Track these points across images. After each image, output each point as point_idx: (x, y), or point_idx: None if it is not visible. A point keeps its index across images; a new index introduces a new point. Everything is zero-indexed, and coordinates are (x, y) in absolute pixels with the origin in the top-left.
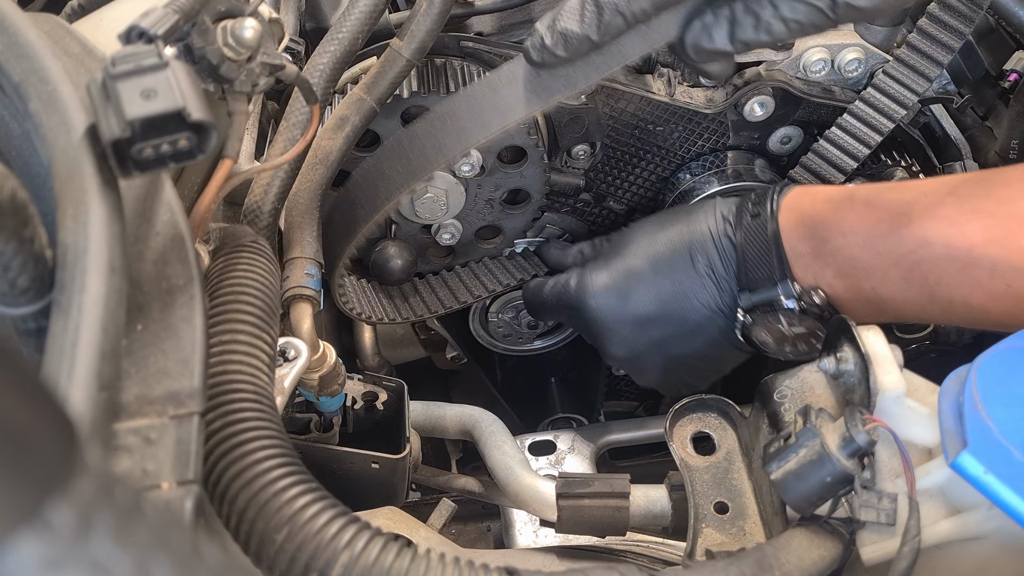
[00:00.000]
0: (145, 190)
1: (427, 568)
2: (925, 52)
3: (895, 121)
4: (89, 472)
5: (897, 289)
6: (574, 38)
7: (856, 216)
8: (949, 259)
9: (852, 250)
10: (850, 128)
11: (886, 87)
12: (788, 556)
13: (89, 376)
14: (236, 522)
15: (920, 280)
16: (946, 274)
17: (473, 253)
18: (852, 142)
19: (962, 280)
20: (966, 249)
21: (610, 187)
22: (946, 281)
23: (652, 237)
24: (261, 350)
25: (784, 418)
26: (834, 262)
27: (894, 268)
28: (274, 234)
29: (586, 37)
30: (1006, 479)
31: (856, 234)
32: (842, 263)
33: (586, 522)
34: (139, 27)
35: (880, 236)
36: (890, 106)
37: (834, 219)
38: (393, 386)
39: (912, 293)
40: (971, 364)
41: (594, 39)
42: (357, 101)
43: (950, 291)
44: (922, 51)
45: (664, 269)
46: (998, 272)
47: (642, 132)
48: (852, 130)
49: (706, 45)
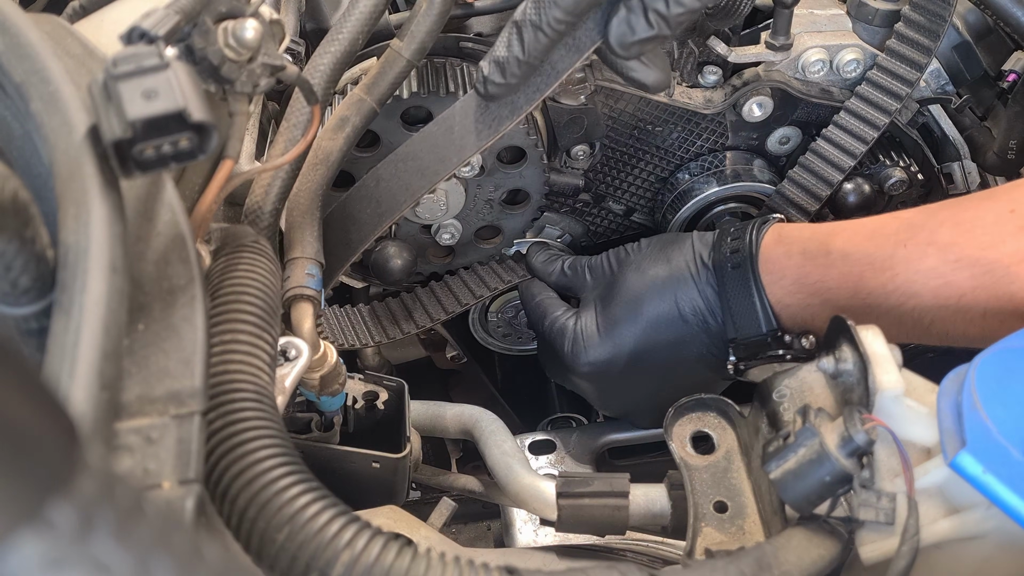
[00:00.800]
0: (146, 190)
1: (427, 567)
2: (916, 41)
3: (890, 114)
4: (90, 471)
5: (891, 328)
6: (507, 63)
7: (838, 273)
8: (940, 307)
9: (840, 302)
10: (847, 125)
11: (878, 80)
12: (787, 555)
13: (90, 376)
14: (237, 521)
15: (913, 322)
16: (939, 318)
17: (473, 253)
18: (849, 139)
19: (956, 320)
20: (956, 298)
21: (609, 187)
22: (940, 322)
23: (638, 289)
24: (262, 350)
25: (783, 417)
26: (824, 312)
27: (886, 316)
28: (275, 234)
29: (516, 59)
30: (1005, 478)
31: (843, 288)
32: (832, 311)
33: (586, 521)
34: (140, 28)
35: (868, 292)
36: (883, 99)
37: (817, 275)
38: (393, 386)
39: (905, 330)
40: (970, 364)
41: (524, 59)
42: (357, 102)
43: (944, 327)
44: (910, 39)
45: (654, 322)
46: (990, 314)
47: (641, 132)
48: (849, 127)
49: (629, 38)
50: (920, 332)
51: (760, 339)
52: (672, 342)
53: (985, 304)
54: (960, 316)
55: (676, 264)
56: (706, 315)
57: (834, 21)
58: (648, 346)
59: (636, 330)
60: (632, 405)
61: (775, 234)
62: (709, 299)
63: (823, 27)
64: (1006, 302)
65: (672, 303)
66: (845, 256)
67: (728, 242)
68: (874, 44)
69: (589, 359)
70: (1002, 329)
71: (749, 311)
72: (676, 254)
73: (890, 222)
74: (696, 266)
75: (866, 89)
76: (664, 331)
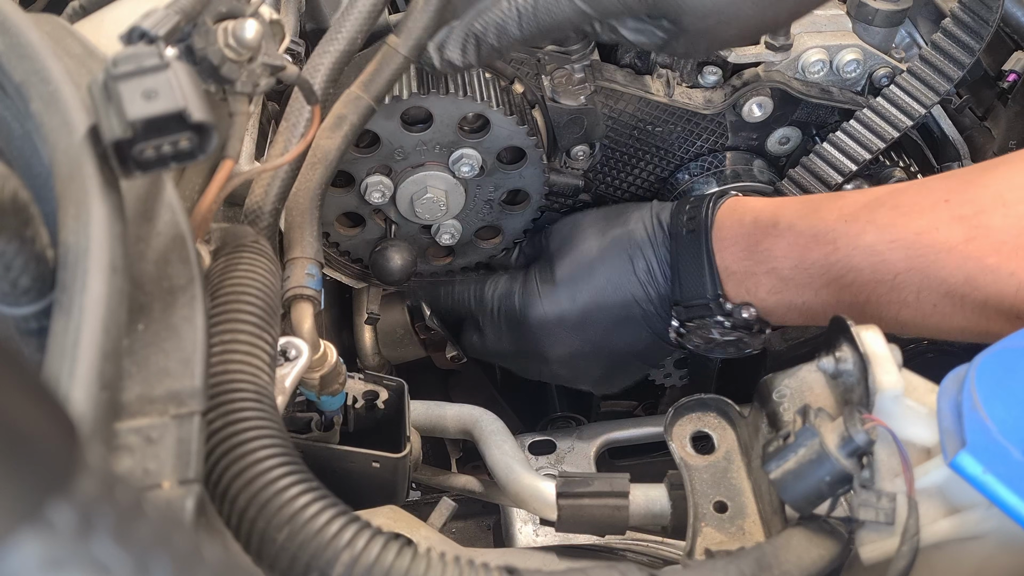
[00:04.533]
0: (146, 190)
1: (427, 567)
2: (937, 66)
3: (900, 131)
4: (90, 471)
5: (828, 304)
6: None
7: (785, 243)
8: (877, 283)
9: (784, 272)
10: (855, 134)
11: (895, 98)
12: (787, 555)
13: (90, 376)
14: (237, 521)
15: (850, 298)
16: (875, 294)
17: (473, 253)
18: (856, 147)
19: (890, 300)
20: (891, 275)
21: (609, 188)
22: (875, 301)
23: (593, 240)
24: (262, 350)
25: (783, 417)
26: (767, 281)
27: (825, 288)
28: (275, 234)
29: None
30: (1005, 478)
31: (788, 258)
32: (775, 283)
33: (586, 521)
34: (140, 28)
35: (810, 263)
36: (897, 116)
37: (766, 244)
38: (394, 385)
39: (843, 308)
40: (970, 364)
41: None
42: (355, 100)
43: (879, 309)
44: (934, 65)
45: (605, 272)
46: (923, 295)
47: (641, 133)
48: (857, 136)
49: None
50: (855, 313)
51: (703, 303)
52: (622, 302)
53: (918, 285)
54: (895, 295)
55: (634, 226)
56: (657, 276)
57: (834, 21)
58: (599, 301)
59: (590, 285)
60: (578, 352)
61: (731, 204)
62: (662, 261)
63: (823, 27)
64: (937, 285)
65: (627, 261)
66: (791, 227)
67: (686, 209)
68: (874, 44)
69: (544, 310)
70: (935, 312)
71: (697, 274)
72: (635, 217)
73: (835, 199)
74: (652, 227)
75: (881, 104)
76: (616, 289)
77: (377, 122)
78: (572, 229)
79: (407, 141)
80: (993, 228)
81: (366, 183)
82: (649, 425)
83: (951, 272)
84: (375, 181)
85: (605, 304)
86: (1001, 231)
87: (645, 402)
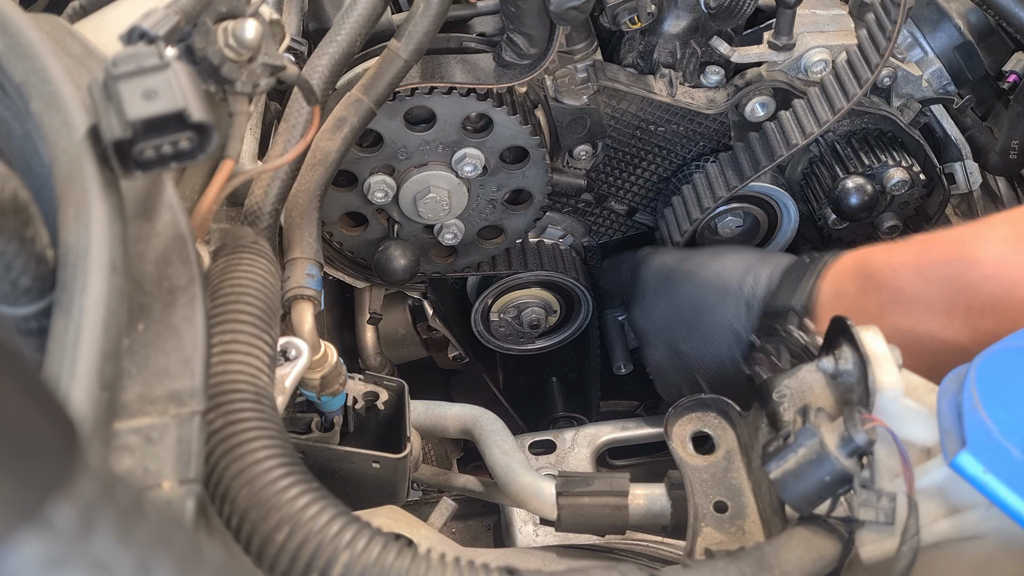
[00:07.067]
0: (146, 190)
1: (427, 568)
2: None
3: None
4: (90, 471)
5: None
6: None
7: (908, 251)
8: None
9: (899, 281)
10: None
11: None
12: (787, 555)
13: (90, 376)
14: (237, 522)
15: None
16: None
17: (475, 253)
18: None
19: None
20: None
21: (612, 187)
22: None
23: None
24: (262, 350)
25: (783, 417)
26: (876, 298)
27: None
28: (275, 235)
29: None
30: (1005, 478)
31: (906, 265)
32: (884, 297)
33: (586, 521)
34: (140, 28)
35: (930, 264)
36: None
37: (885, 256)
38: (394, 386)
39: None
40: (970, 364)
41: None
42: (355, 102)
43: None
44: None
45: (710, 278)
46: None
47: (644, 132)
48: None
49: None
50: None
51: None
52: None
53: None
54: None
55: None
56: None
57: (836, 21)
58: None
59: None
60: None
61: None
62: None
63: (825, 27)
64: None
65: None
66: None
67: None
68: None
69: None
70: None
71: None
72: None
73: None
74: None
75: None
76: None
77: (380, 122)
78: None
79: (410, 141)
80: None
81: (369, 183)
82: (649, 425)
83: None
84: (378, 181)
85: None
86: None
87: (646, 402)
